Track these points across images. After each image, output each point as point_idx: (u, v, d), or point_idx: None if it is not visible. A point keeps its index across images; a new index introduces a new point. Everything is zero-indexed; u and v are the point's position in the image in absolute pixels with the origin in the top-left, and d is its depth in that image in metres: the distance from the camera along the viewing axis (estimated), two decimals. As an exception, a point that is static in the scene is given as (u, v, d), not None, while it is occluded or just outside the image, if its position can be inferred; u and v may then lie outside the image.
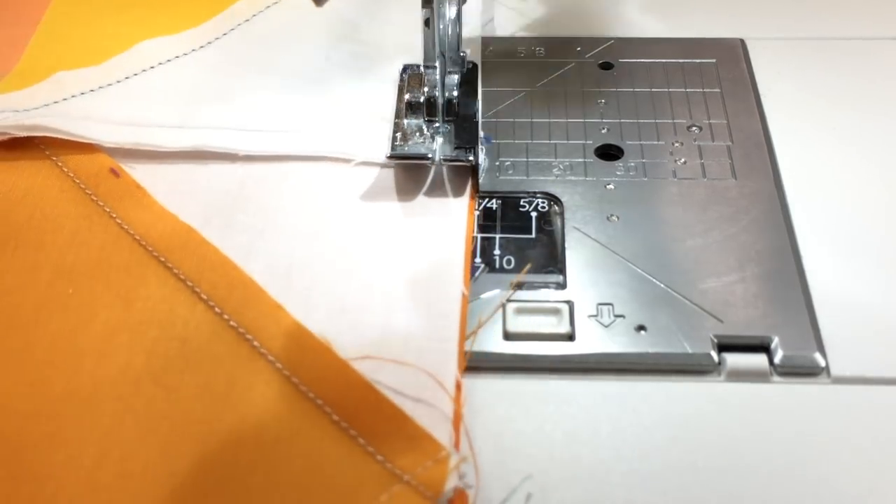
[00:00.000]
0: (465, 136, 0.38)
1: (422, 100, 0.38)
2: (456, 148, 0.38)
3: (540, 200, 0.38)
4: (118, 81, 0.43)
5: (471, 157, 0.37)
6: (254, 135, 0.40)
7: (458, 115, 0.39)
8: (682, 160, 0.39)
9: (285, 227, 0.37)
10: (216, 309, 0.33)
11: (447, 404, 0.30)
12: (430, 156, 0.37)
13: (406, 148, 0.38)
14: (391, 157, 0.38)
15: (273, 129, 0.41)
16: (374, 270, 0.35)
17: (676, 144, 0.40)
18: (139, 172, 0.39)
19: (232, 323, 0.33)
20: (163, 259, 0.35)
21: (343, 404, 0.30)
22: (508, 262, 0.35)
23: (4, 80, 0.44)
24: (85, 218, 0.37)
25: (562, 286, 0.34)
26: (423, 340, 0.32)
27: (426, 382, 0.31)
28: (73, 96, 0.42)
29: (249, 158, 0.40)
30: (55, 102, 0.42)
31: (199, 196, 0.38)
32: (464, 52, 0.40)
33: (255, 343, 0.32)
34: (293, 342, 0.32)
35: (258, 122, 0.41)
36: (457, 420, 0.30)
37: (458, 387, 0.31)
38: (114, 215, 0.37)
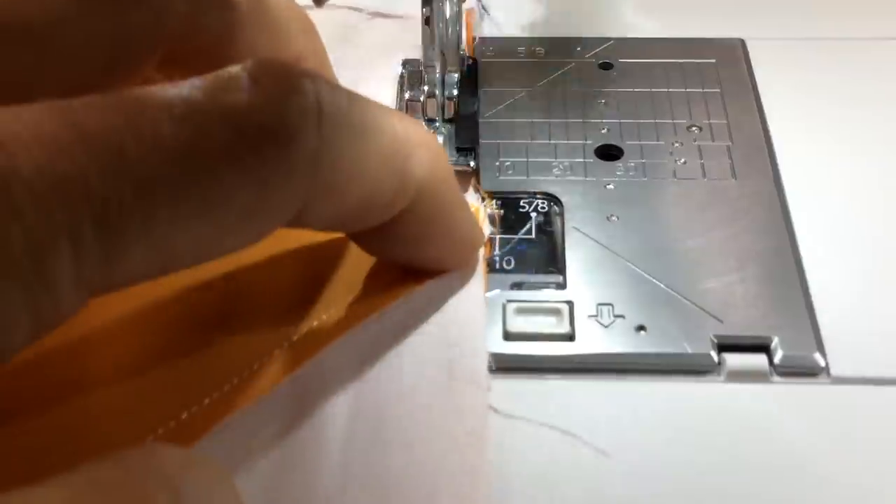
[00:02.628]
0: (465, 136, 0.38)
1: (422, 99, 0.39)
2: (457, 149, 0.38)
3: (540, 201, 0.38)
4: None
5: (471, 163, 0.37)
6: None
7: (457, 114, 0.39)
8: (682, 160, 0.39)
9: None
10: None
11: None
12: None
13: None
14: None
15: None
16: None
17: (676, 144, 0.40)
18: None
19: None
20: None
21: None
22: (508, 262, 0.35)
23: None
24: None
25: (562, 286, 0.34)
26: None
27: None
28: None
29: None
30: None
31: None
32: (463, 50, 0.40)
33: None
34: None
35: None
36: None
37: None
38: None
